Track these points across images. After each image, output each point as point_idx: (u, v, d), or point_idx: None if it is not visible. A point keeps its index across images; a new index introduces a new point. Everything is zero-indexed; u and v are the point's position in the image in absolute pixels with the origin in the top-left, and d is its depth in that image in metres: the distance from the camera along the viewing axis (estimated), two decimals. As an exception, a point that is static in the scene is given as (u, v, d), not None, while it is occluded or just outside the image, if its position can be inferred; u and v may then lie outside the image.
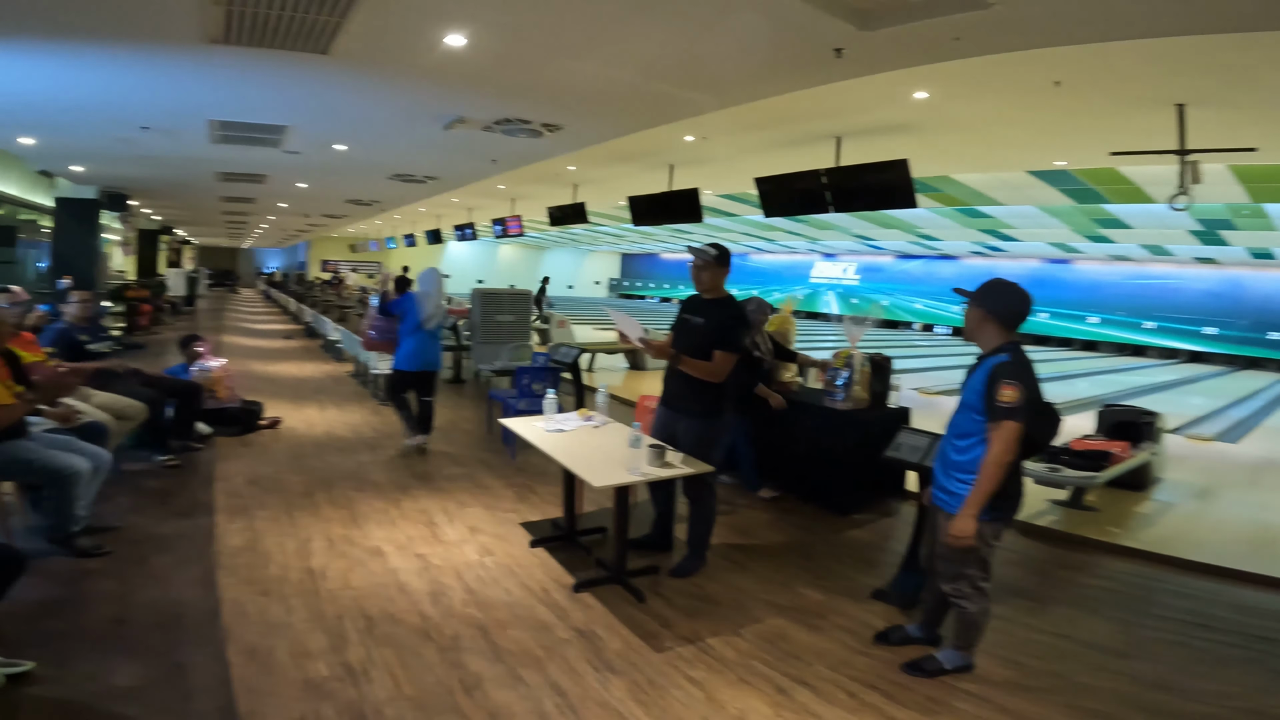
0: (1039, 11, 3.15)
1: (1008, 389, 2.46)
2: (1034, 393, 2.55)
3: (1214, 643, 3.14)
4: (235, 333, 14.35)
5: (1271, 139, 5.18)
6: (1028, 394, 2.49)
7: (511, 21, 3.79)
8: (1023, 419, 2.46)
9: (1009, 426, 2.46)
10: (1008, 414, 2.46)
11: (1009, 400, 2.45)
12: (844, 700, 2.56)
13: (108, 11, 3.75)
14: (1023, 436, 2.48)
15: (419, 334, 5.49)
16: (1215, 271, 20.04)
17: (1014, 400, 2.45)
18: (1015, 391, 2.45)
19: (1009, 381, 2.47)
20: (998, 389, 2.47)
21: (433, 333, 5.60)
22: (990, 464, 2.49)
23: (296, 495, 4.51)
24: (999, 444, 2.47)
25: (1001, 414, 2.46)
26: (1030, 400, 2.50)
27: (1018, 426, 2.46)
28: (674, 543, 3.89)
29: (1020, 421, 2.46)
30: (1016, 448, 2.48)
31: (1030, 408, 2.50)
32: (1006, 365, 2.52)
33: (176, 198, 13.75)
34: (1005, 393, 2.46)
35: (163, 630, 2.79)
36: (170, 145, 7.60)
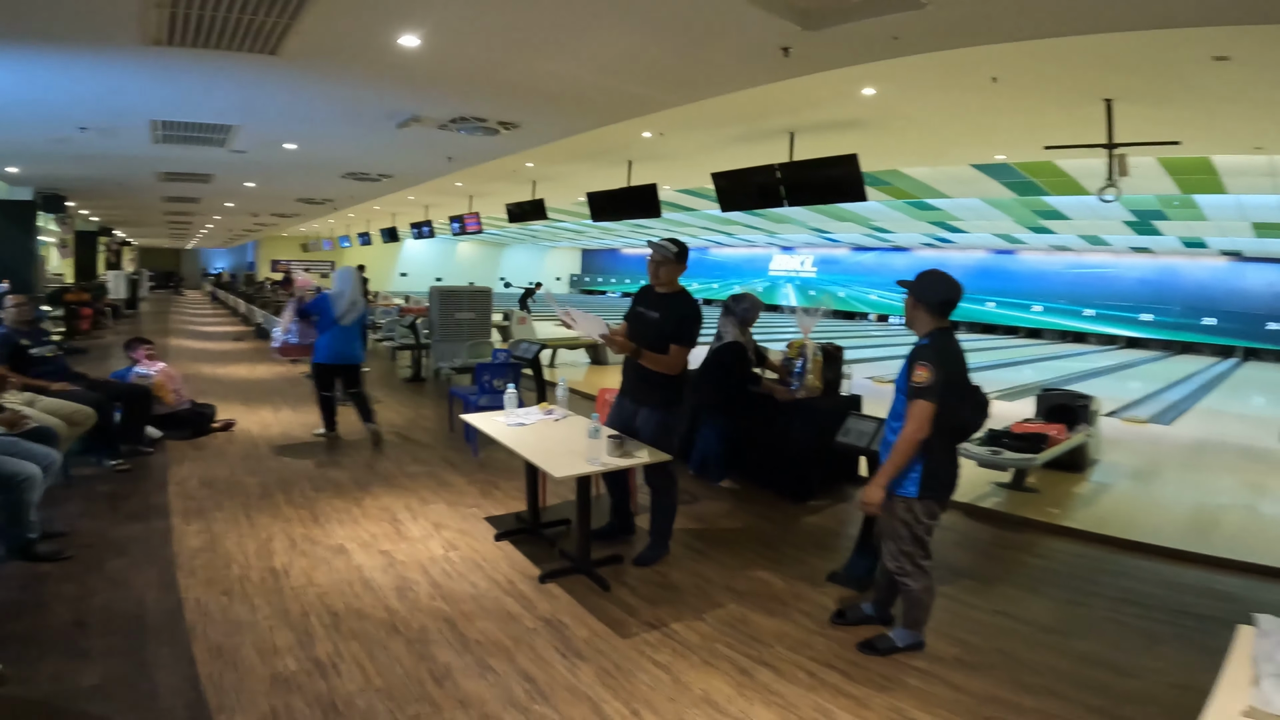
0: (971, 11, 3.30)
1: (921, 369, 2.62)
2: (956, 376, 2.70)
3: (1147, 620, 3.28)
4: (182, 335, 13.93)
5: (1193, 133, 5.49)
6: (944, 376, 2.63)
7: (465, 22, 3.80)
8: (934, 399, 2.61)
9: (921, 405, 2.62)
10: (919, 393, 2.62)
11: (920, 380, 2.61)
12: (803, 679, 2.66)
13: (45, 13, 3.64)
14: (937, 417, 2.63)
15: (335, 329, 5.68)
16: (1150, 260, 21.02)
17: (925, 380, 2.61)
18: (927, 372, 2.61)
19: (922, 363, 2.63)
20: (913, 370, 2.65)
21: (350, 328, 5.78)
22: (903, 439, 2.66)
23: (254, 497, 4.46)
24: (912, 421, 2.64)
25: (913, 393, 2.64)
26: (951, 383, 2.65)
27: (930, 405, 2.61)
28: (636, 529, 3.97)
29: (932, 401, 2.61)
30: (929, 426, 2.63)
31: (949, 390, 2.65)
32: (924, 348, 2.69)
33: (116, 198, 13.24)
34: (918, 374, 2.62)
35: (125, 631, 2.76)
36: (110, 145, 7.34)
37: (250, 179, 10.42)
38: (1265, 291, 19.12)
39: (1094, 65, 4.18)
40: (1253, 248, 17.32)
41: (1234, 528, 4.71)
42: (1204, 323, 20.02)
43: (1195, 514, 4.99)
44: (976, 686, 2.66)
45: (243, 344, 12.76)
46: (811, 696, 2.55)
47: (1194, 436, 7.99)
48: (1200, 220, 13.17)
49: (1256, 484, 6.02)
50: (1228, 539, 4.37)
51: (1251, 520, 4.99)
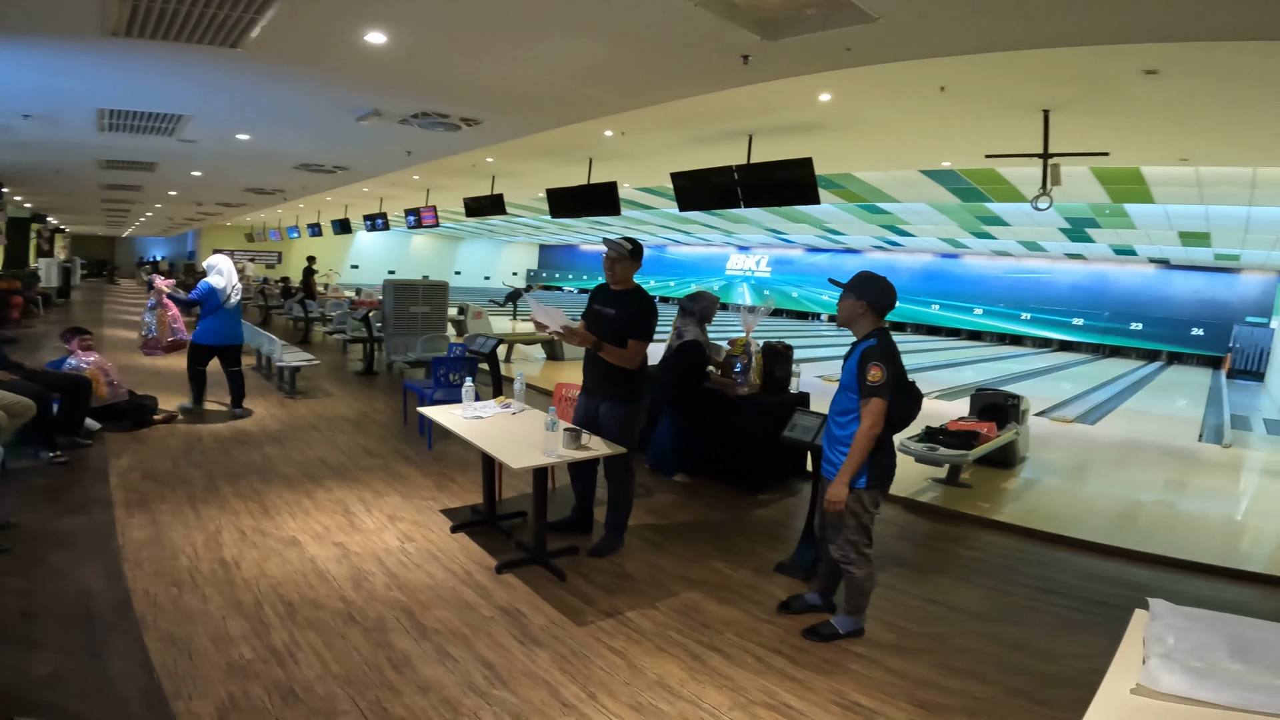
0: (917, 27, 3.47)
1: (875, 370, 2.78)
2: (899, 373, 2.87)
3: (1064, 608, 3.49)
4: (117, 325, 13.36)
5: (1122, 144, 5.82)
6: (893, 374, 2.81)
7: (432, 22, 3.80)
8: (887, 396, 2.79)
9: (876, 403, 2.79)
10: (873, 392, 2.79)
11: (875, 380, 2.78)
12: (752, 664, 2.78)
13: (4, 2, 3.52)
14: (888, 412, 2.81)
15: (220, 312, 6.12)
16: (1083, 266, 22.02)
17: (879, 379, 2.78)
18: (880, 372, 2.78)
19: (875, 363, 2.80)
20: (867, 370, 2.79)
21: (234, 310, 6.25)
22: (860, 436, 2.81)
23: (199, 489, 4.38)
24: (868, 419, 2.80)
25: (869, 392, 2.79)
26: (895, 380, 2.83)
27: (883, 403, 2.79)
28: (593, 525, 4.04)
29: (885, 398, 2.79)
30: (883, 421, 2.81)
31: (895, 387, 2.83)
32: (874, 349, 2.85)
33: (52, 185, 12.61)
34: (873, 373, 2.78)
35: (74, 622, 2.73)
36: (53, 133, 7.07)
37: (198, 168, 10.08)
38: (1190, 298, 20.27)
39: (1034, 77, 4.40)
40: (1179, 255, 18.31)
41: (1149, 522, 5.03)
42: (1132, 327, 21.10)
43: (1114, 509, 5.31)
44: (911, 670, 2.81)
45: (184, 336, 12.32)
46: (760, 680, 2.67)
47: (1118, 435, 8.43)
48: (1130, 229, 13.87)
49: (1174, 481, 6.43)
50: (1143, 533, 4.66)
51: (1166, 515, 5.33)
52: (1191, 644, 1.66)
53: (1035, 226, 15.41)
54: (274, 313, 15.40)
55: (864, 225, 17.89)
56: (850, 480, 2.86)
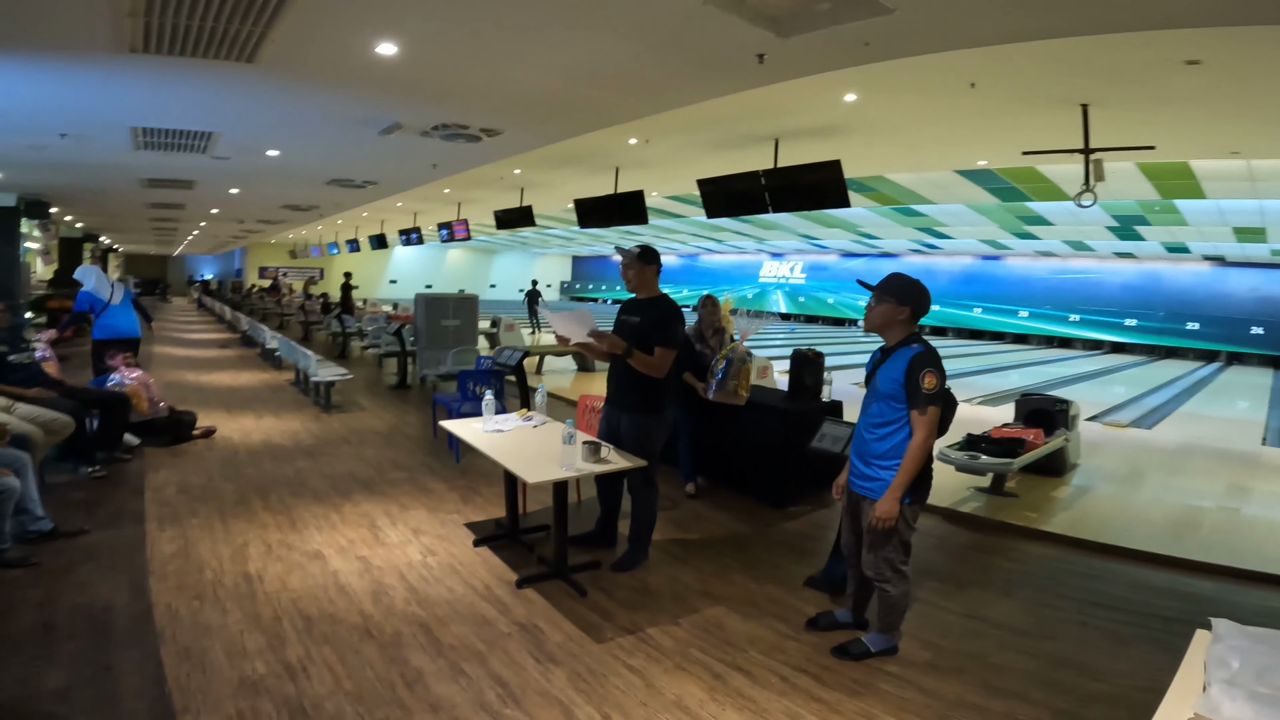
0: (937, 17, 3.35)
1: (930, 377, 2.64)
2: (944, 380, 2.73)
3: (1115, 622, 3.28)
4: (167, 343, 13.83)
5: (1168, 137, 5.56)
6: (943, 380, 2.68)
7: (441, 31, 3.82)
8: (941, 404, 2.66)
9: (933, 412, 2.65)
10: (930, 400, 2.64)
11: (932, 387, 2.63)
12: (776, 684, 2.66)
13: (18, 20, 3.64)
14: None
15: (110, 308, 6.63)
16: (1134, 265, 21.25)
17: (935, 387, 2.64)
18: (935, 379, 2.64)
19: (930, 370, 2.65)
20: (921, 378, 2.64)
21: (124, 304, 6.76)
22: (916, 447, 2.66)
23: (230, 503, 4.44)
24: (924, 429, 2.65)
25: (925, 400, 2.64)
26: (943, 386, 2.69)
27: (938, 411, 2.66)
28: (617, 538, 3.97)
29: (940, 406, 2.66)
30: (936, 431, 2.68)
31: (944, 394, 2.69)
32: (924, 356, 2.69)
33: (100, 204, 13.18)
34: (929, 381, 2.64)
35: (91, 635, 2.76)
36: (91, 152, 7.34)
37: (234, 185, 10.40)
38: (1248, 296, 19.39)
39: (1069, 70, 4.23)
40: (1235, 252, 17.56)
41: (1209, 530, 4.73)
42: (1188, 327, 20.26)
43: (1171, 517, 5.00)
44: (946, 690, 2.66)
45: (228, 351, 12.71)
46: (783, 701, 2.55)
47: (1175, 440, 8.02)
48: (1182, 225, 13.33)
49: (1236, 486, 6.05)
50: (1202, 542, 4.39)
51: (1228, 523, 5.00)
52: (1257, 668, 1.53)
53: (1081, 225, 14.92)
54: (314, 329, 15.76)
55: (899, 228, 17.56)
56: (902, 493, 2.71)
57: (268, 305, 21.55)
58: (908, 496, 2.72)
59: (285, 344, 9.68)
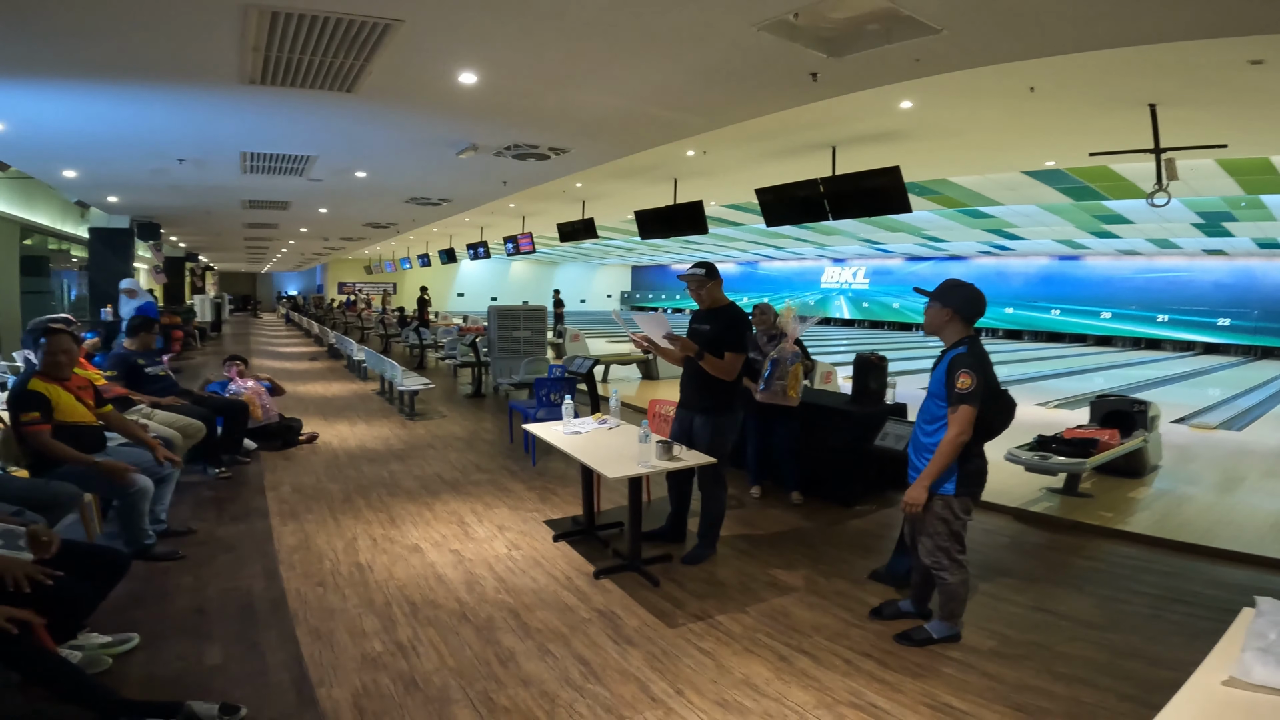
0: (983, 36, 3.46)
1: (964, 377, 2.78)
2: (989, 381, 2.85)
3: (1190, 616, 3.28)
4: (262, 355, 14.85)
5: (1240, 134, 5.42)
6: (983, 381, 2.80)
7: (517, 61, 4.16)
8: (976, 403, 2.78)
9: (965, 410, 2.78)
10: (962, 399, 2.78)
11: (965, 387, 2.78)
12: (840, 666, 2.83)
13: (154, 57, 4.09)
14: (978, 420, 2.80)
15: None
16: (1225, 263, 20.07)
17: (968, 387, 2.77)
18: (970, 379, 2.77)
19: (965, 370, 2.79)
20: (956, 378, 2.80)
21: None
22: (947, 443, 2.81)
23: (338, 501, 4.89)
24: (956, 426, 2.80)
25: (957, 399, 2.79)
26: (986, 387, 2.82)
27: (972, 410, 2.78)
28: (686, 535, 4.19)
29: (974, 405, 2.78)
30: (971, 429, 2.80)
31: (986, 394, 2.81)
32: (964, 356, 2.85)
33: (203, 225, 14.24)
34: (962, 380, 2.78)
35: (237, 617, 3.15)
36: (203, 175, 8.01)
37: (323, 205, 11.16)
38: (1350, 291, 18.06)
39: (1131, 72, 4.24)
40: (1336, 246, 16.41)
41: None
42: (1285, 326, 19.02)
43: (1259, 518, 4.84)
44: (1010, 675, 2.75)
45: (317, 364, 13.55)
46: (847, 681, 2.71)
47: (1268, 443, 7.64)
48: (1271, 220, 12.61)
49: None
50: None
51: None
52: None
53: (1164, 223, 14.27)
54: (393, 341, 16.58)
55: (966, 230, 17.17)
56: (932, 485, 2.86)
57: (348, 319, 22.72)
58: (952, 487, 2.86)
59: (372, 356, 10.32)
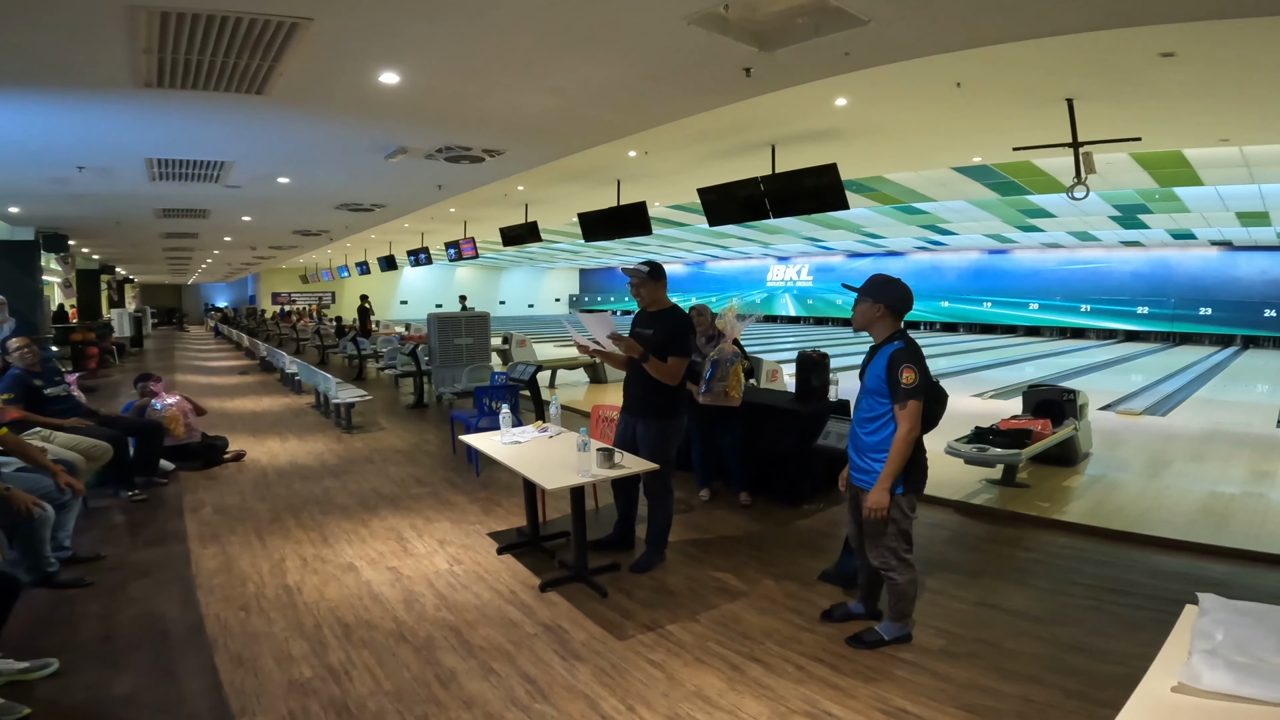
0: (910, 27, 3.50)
1: (908, 372, 2.76)
2: (926, 373, 2.85)
3: (1129, 607, 3.33)
4: (188, 371, 14.14)
5: (1154, 128, 5.67)
6: (924, 375, 2.80)
7: (440, 60, 4.00)
8: (922, 397, 2.78)
9: (913, 405, 2.77)
10: (910, 394, 2.76)
11: (910, 382, 2.76)
12: (793, 673, 2.78)
13: (39, 59, 3.79)
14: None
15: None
16: (1141, 254, 21.20)
17: (913, 382, 2.76)
18: (913, 374, 2.76)
19: (908, 365, 2.78)
20: (900, 373, 2.78)
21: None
22: (900, 440, 2.78)
23: (265, 521, 4.62)
24: (907, 422, 2.77)
25: (905, 395, 2.77)
26: (926, 382, 2.81)
27: (919, 404, 2.78)
28: (635, 542, 4.10)
29: (920, 400, 2.77)
30: (920, 424, 2.79)
31: (926, 389, 2.81)
32: (902, 352, 2.83)
33: (116, 236, 13.45)
34: (906, 376, 2.76)
35: (150, 645, 2.95)
36: (108, 184, 7.52)
37: (246, 213, 10.65)
38: (1259, 279, 19.31)
39: (1050, 67, 4.35)
40: (1241, 237, 17.51)
41: (1228, 515, 4.70)
42: (1200, 313, 20.18)
43: (1188, 503, 4.99)
44: (959, 675, 2.75)
45: (248, 378, 12.93)
46: (800, 689, 2.67)
47: (1192, 426, 7.95)
48: (1184, 212, 13.34)
49: (1257, 472, 5.94)
50: (1220, 527, 4.41)
51: (1247, 507, 4.93)
52: (1238, 639, 1.60)
53: (1084, 216, 14.96)
54: (330, 352, 16.01)
55: (903, 227, 17.65)
56: (891, 486, 2.83)
57: (283, 331, 21.88)
58: (900, 486, 2.83)
59: (304, 368, 9.90)
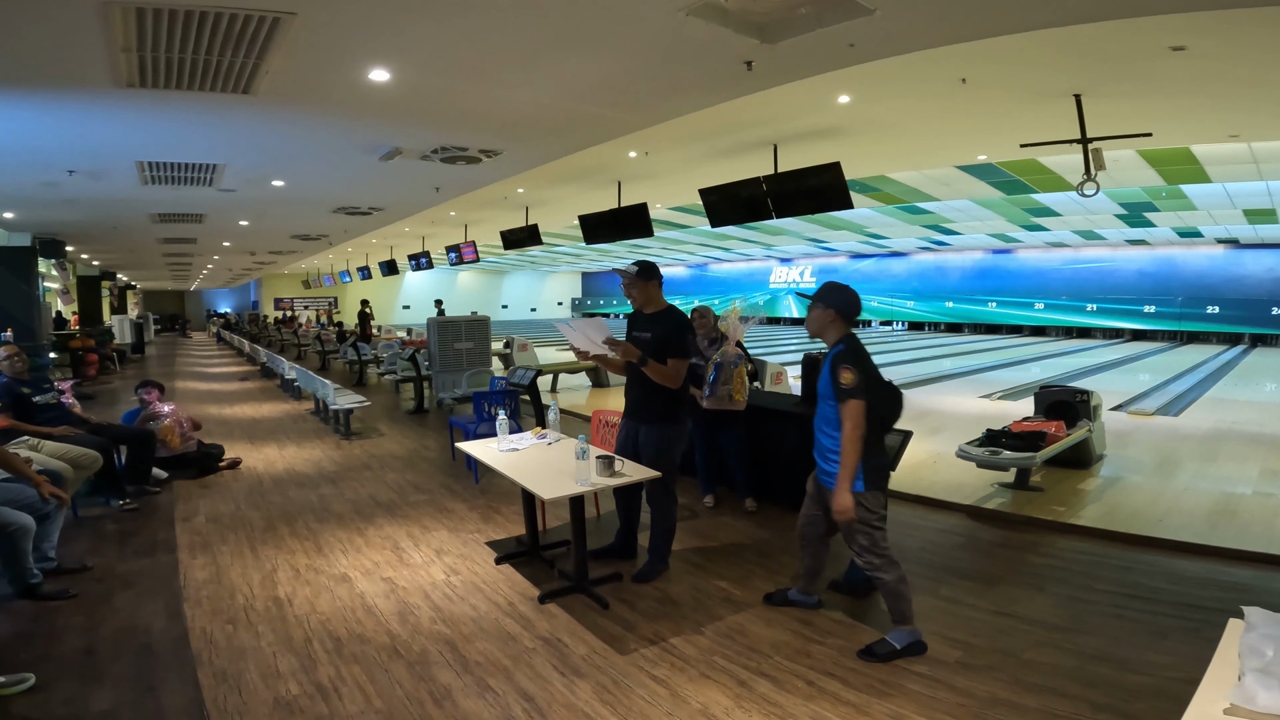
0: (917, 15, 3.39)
1: (846, 373, 2.81)
2: (871, 373, 2.88)
3: (1153, 614, 3.22)
4: (189, 378, 14.05)
5: (1164, 124, 5.55)
6: (865, 375, 2.82)
7: (432, 56, 3.89)
8: (863, 396, 2.80)
9: (853, 405, 2.80)
10: (849, 394, 2.80)
11: (848, 383, 2.80)
12: (802, 689, 2.65)
13: (18, 59, 3.70)
14: (868, 412, 2.82)
15: None
16: (1147, 252, 21.06)
17: (851, 382, 2.79)
18: (851, 374, 2.80)
19: (845, 366, 2.82)
20: (839, 374, 2.82)
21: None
22: (846, 439, 2.81)
23: (258, 530, 4.52)
24: (849, 421, 2.80)
25: (843, 395, 2.81)
26: (869, 380, 2.84)
27: (860, 404, 2.80)
28: (638, 550, 3.98)
29: (861, 399, 2.80)
30: (864, 422, 2.80)
31: (870, 387, 2.84)
32: (843, 353, 2.87)
33: (114, 241, 13.40)
34: (845, 376, 2.81)
35: (133, 659, 2.85)
36: (100, 188, 7.43)
37: (243, 217, 10.57)
38: (1265, 277, 19.14)
39: (1057, 62, 4.25)
40: (1248, 234, 17.34)
41: (1247, 517, 4.57)
42: (1208, 311, 20.01)
43: (1205, 505, 4.86)
44: (979, 688, 2.62)
45: (248, 384, 12.85)
46: (810, 706, 2.54)
47: (1204, 426, 7.81)
48: (1191, 210, 13.20)
49: (1272, 471, 5.80)
50: (1240, 529, 4.28)
51: (1265, 509, 4.79)
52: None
53: (1089, 215, 14.83)
54: (331, 358, 15.94)
55: (906, 227, 17.54)
56: (851, 486, 2.83)
57: (285, 336, 21.84)
58: (861, 484, 2.85)
59: (303, 374, 9.81)
